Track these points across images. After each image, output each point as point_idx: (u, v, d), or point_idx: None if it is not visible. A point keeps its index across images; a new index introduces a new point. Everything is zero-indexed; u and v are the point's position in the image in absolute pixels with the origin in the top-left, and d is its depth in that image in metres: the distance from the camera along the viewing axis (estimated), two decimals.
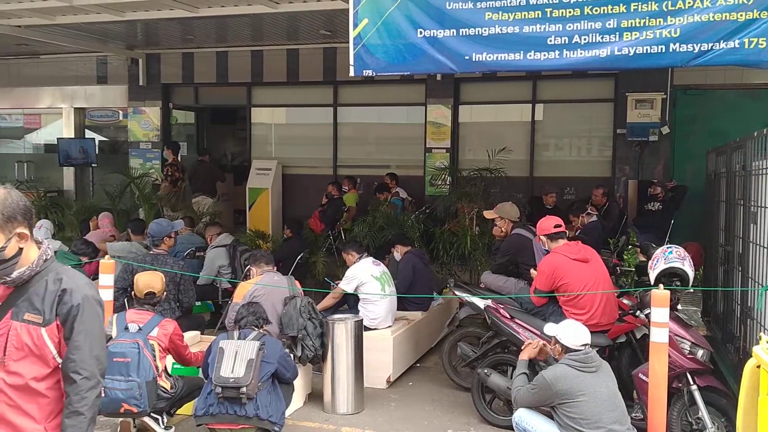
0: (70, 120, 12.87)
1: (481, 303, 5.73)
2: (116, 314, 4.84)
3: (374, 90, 11.30)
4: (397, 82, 10.54)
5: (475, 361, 5.66)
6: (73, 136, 12.74)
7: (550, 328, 4.49)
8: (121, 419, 4.86)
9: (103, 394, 4.41)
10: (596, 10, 4.98)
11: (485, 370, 5.23)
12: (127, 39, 11.34)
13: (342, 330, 5.50)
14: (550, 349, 4.49)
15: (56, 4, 8.08)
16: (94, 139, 12.75)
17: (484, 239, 8.25)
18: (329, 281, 7.03)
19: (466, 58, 5.25)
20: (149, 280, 5.06)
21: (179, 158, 11.36)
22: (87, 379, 2.38)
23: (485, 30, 5.20)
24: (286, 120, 12.67)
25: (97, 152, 12.50)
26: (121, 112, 13.02)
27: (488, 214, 6.87)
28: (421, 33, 5.31)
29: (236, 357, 4.46)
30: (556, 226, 5.42)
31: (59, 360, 2.39)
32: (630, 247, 7.89)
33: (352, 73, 5.52)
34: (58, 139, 12.68)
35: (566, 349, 4.26)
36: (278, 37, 10.87)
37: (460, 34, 5.24)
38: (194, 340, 5.83)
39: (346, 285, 6.41)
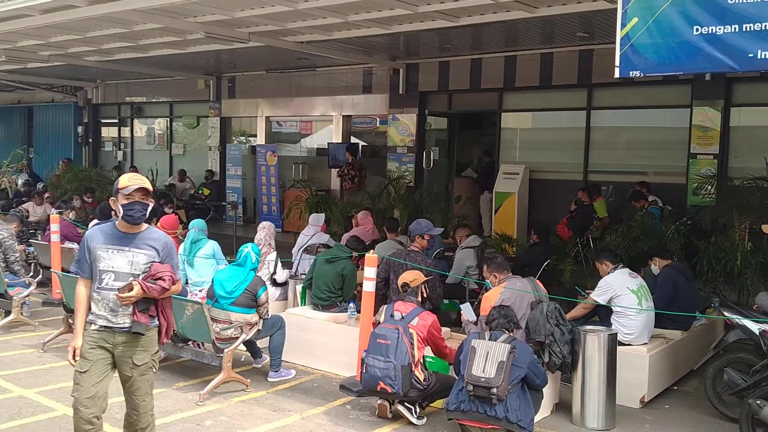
0: (339, 126, 14.18)
1: (755, 327, 5.19)
2: (387, 304, 5.33)
3: (632, 92, 10.74)
4: (658, 83, 9.89)
5: (745, 391, 5.12)
6: (340, 141, 14.01)
7: None
8: (378, 402, 5.26)
9: (364, 370, 4.99)
10: None
11: (758, 402, 4.71)
12: (390, 50, 12.17)
13: (594, 342, 5.33)
14: None
15: (334, 21, 8.95)
16: (358, 143, 13.86)
17: (758, 256, 7.42)
18: (579, 290, 6.85)
19: (750, 56, 4.76)
20: (405, 274, 5.57)
21: (357, 159, 12.95)
22: None
23: None
24: (535, 124, 12.58)
25: (360, 156, 13.57)
26: (378, 119, 14.01)
27: (767, 229, 6.17)
28: (697, 30, 4.93)
29: (487, 358, 4.58)
30: None
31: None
32: None
33: (617, 75, 5.30)
34: (328, 143, 14.04)
35: None
36: (532, 41, 10.84)
37: (744, 30, 4.77)
38: (444, 336, 6.08)
39: (598, 296, 6.20)
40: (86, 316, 3.98)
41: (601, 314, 6.32)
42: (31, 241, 10.10)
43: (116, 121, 19.10)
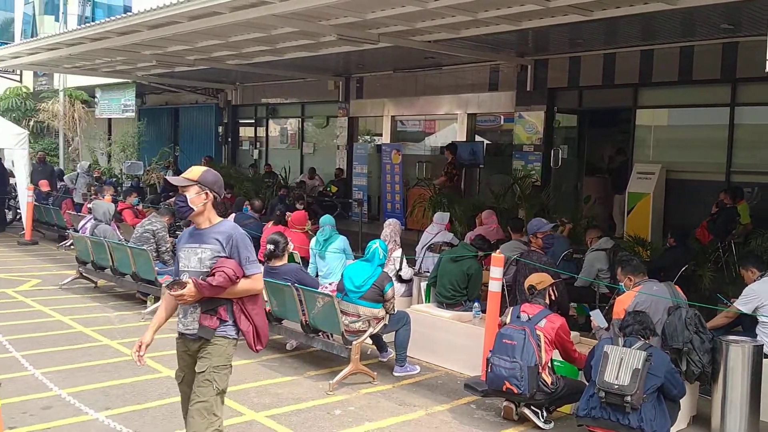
0: (464, 125, 14.14)
1: None
2: (513, 306, 5.31)
3: None
4: None
5: None
6: (464, 139, 13.98)
7: None
8: (504, 403, 5.23)
9: (489, 370, 4.98)
10: None
11: None
12: (518, 47, 11.99)
13: (738, 353, 5.01)
14: None
15: (462, 19, 8.95)
16: (483, 142, 13.76)
17: None
18: (720, 298, 6.44)
19: None
20: (532, 277, 5.52)
21: (456, 157, 12.96)
22: None
23: None
24: (672, 121, 11.91)
25: (484, 154, 13.47)
26: (502, 116, 13.83)
27: None
28: None
29: (621, 364, 4.44)
30: None
31: None
32: None
33: None
34: (452, 142, 14.05)
35: None
36: (671, 34, 10.28)
37: None
38: (573, 341, 5.93)
39: (742, 304, 5.82)
40: (166, 315, 3.85)
41: (745, 324, 5.94)
42: (177, 232, 10.90)
43: (253, 121, 20.17)
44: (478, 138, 14.19)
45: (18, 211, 15.13)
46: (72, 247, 11.19)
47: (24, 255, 12.37)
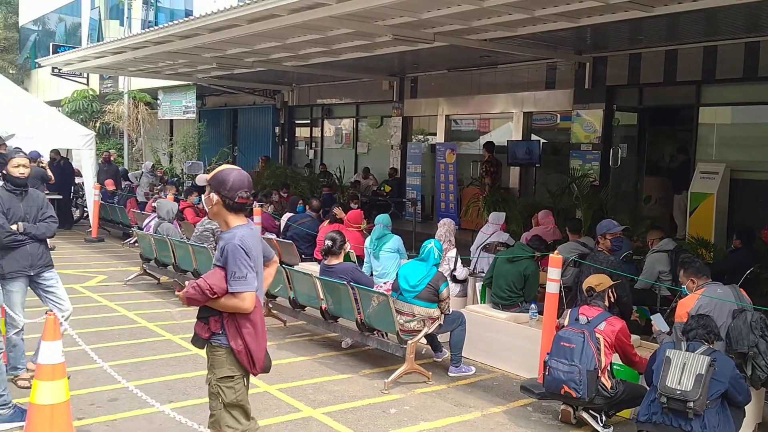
0: (519, 123, 13.99)
1: None
2: (571, 308, 5.23)
3: None
4: None
5: None
6: (520, 138, 13.83)
7: None
8: (562, 406, 5.17)
9: (547, 373, 4.91)
10: None
11: None
12: (576, 44, 11.78)
13: None
14: None
15: (519, 17, 8.87)
16: (539, 141, 13.59)
17: None
18: None
19: None
20: (590, 278, 5.42)
21: (494, 155, 13.54)
22: None
23: None
24: (738, 119, 11.51)
25: (540, 153, 13.30)
26: (558, 115, 13.62)
27: None
28: None
29: (684, 369, 4.33)
30: None
31: None
32: None
33: None
34: (507, 141, 13.93)
35: None
36: (735, 29, 9.93)
37: None
38: (633, 344, 5.81)
39: None
40: None
41: None
42: None
43: (308, 121, 20.44)
44: (533, 137, 14.01)
45: (85, 209, 15.73)
46: (136, 244, 11.60)
47: (90, 252, 12.87)
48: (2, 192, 5.33)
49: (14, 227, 5.31)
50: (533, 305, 6.70)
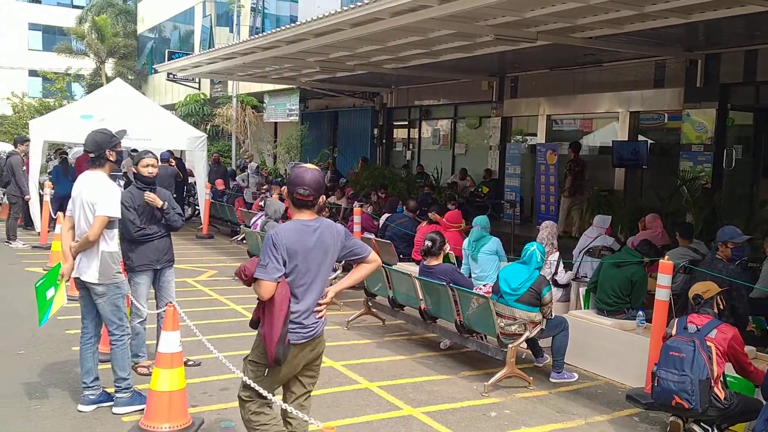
0: (625, 123, 13.51)
1: None
2: (679, 317, 5.04)
3: None
4: None
5: None
6: (626, 138, 13.36)
7: None
8: (671, 418, 4.98)
9: (656, 384, 4.74)
10: None
11: None
12: (686, 41, 11.26)
13: None
14: None
15: (627, 13, 8.58)
16: (647, 141, 13.07)
17: None
18: None
19: None
20: (696, 285, 5.16)
21: (579, 155, 13.63)
22: None
23: None
24: None
25: (647, 154, 12.80)
26: (666, 114, 13.03)
27: None
28: None
29: None
30: None
31: None
32: None
33: None
34: (612, 141, 13.48)
35: None
36: None
37: None
38: (749, 356, 5.52)
39: None
40: None
41: None
42: None
43: (406, 123, 20.61)
44: (640, 137, 13.49)
45: (197, 207, 16.59)
46: (244, 241, 12.12)
47: (201, 248, 13.55)
48: (133, 190, 5.74)
49: (160, 203, 5.63)
50: (640, 312, 6.48)
